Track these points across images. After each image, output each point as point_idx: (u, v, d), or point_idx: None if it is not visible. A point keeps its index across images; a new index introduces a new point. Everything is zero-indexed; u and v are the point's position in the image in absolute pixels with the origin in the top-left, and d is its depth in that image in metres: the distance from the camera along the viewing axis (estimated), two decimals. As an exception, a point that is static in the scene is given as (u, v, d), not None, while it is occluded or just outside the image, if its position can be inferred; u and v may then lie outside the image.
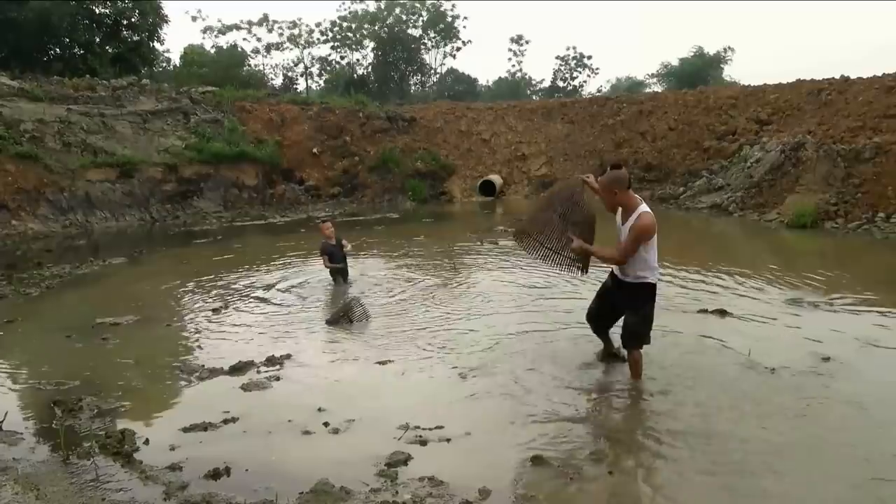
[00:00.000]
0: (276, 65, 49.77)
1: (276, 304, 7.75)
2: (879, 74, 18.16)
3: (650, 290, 4.67)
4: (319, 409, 4.48)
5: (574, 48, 57.43)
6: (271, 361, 5.53)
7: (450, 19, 49.23)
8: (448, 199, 21.87)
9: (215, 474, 3.62)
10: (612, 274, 4.94)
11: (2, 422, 4.35)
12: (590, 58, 52.94)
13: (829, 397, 4.53)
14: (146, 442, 4.06)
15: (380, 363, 5.49)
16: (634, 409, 4.50)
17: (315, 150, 22.15)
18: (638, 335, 4.73)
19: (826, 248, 11.38)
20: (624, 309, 4.78)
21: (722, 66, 50.32)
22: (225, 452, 3.87)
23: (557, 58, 52.74)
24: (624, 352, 4.99)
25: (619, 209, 4.60)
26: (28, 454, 3.97)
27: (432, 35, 49.59)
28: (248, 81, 34.28)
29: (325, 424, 4.25)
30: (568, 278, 5.40)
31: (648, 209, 4.46)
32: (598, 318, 5.09)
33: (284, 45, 47.51)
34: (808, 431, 4.04)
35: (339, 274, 8.68)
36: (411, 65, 49.63)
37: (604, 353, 5.29)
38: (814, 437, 3.97)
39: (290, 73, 49.19)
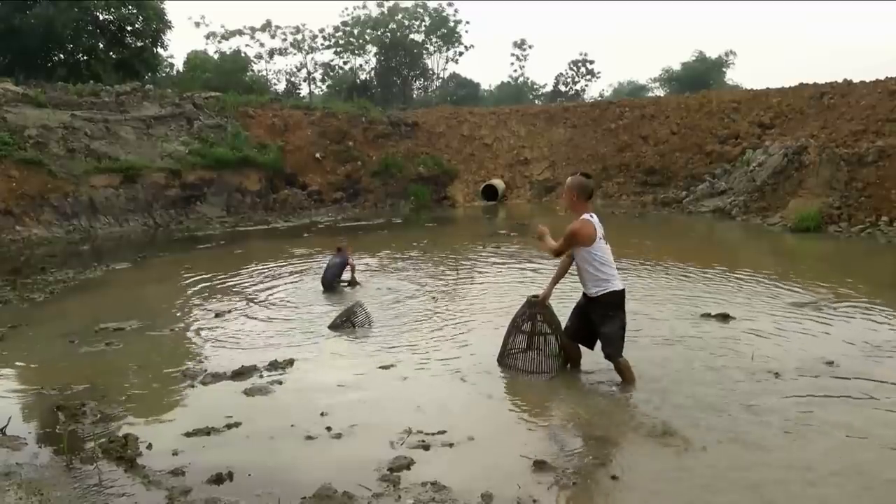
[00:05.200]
0: (279, 70, 49.96)
1: (278, 309, 7.76)
2: (882, 78, 18.16)
3: (617, 297, 4.78)
4: (322, 414, 4.48)
5: (585, 54, 57.68)
6: (274, 366, 5.53)
7: (452, 24, 49.37)
8: (450, 204, 21.89)
9: (218, 479, 3.62)
10: (583, 293, 5.06)
11: (5, 427, 4.36)
12: (592, 62, 53.04)
13: (833, 401, 4.51)
14: (149, 447, 4.06)
15: (382, 368, 5.49)
16: (637, 414, 4.49)
17: (318, 155, 22.20)
18: (615, 344, 4.79)
19: (829, 252, 11.36)
20: (598, 322, 4.82)
21: (724, 69, 50.45)
22: (228, 457, 3.87)
23: (570, 63, 52.86)
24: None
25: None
26: (31, 459, 3.97)
27: (434, 40, 49.71)
28: (252, 87, 34.39)
29: (328, 429, 4.25)
30: (569, 283, 5.42)
31: (589, 219, 4.74)
32: (577, 335, 5.10)
33: (287, 51, 47.69)
34: (812, 436, 4.03)
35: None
36: (414, 70, 49.77)
37: (571, 358, 5.27)
38: (818, 440, 3.96)
39: (293, 79, 49.40)
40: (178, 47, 54.97)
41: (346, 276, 8.93)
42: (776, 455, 3.77)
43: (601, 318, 4.79)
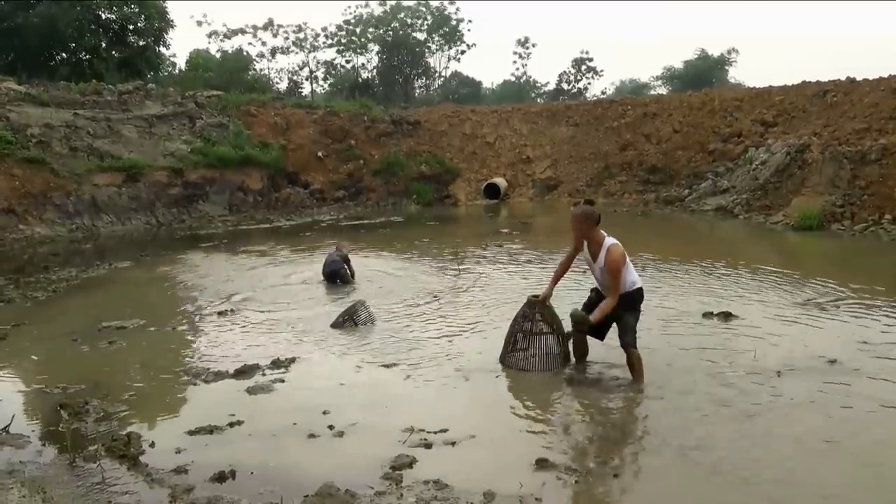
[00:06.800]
0: (282, 69, 49.88)
1: (281, 308, 7.76)
2: (885, 76, 18.09)
3: (640, 294, 4.96)
4: (324, 413, 4.48)
5: (587, 52, 57.59)
6: (276, 364, 5.54)
7: (454, 23, 49.35)
8: (453, 203, 21.88)
9: (220, 477, 3.62)
10: (595, 290, 5.15)
11: (9, 425, 4.37)
12: (591, 60, 52.93)
13: (834, 400, 4.51)
14: (152, 445, 4.08)
15: (384, 366, 5.49)
16: (639, 412, 4.49)
17: (320, 154, 22.21)
18: (633, 333, 4.89)
19: (832, 251, 11.34)
20: (621, 314, 4.86)
21: (726, 67, 50.34)
22: (230, 455, 3.88)
23: (573, 61, 52.74)
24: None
25: (586, 243, 4.96)
26: (35, 457, 3.99)
27: (436, 39, 49.70)
28: (254, 86, 34.38)
29: (330, 427, 4.25)
30: (569, 284, 5.45)
31: (614, 241, 4.85)
32: (590, 328, 5.11)
33: (290, 50, 47.69)
34: (813, 436, 4.02)
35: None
36: (416, 68, 49.73)
37: (579, 353, 5.35)
38: (821, 441, 3.96)
39: (295, 77, 49.38)
40: (180, 46, 55.41)
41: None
42: (779, 454, 3.77)
43: (623, 309, 4.84)
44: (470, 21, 74.53)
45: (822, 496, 3.36)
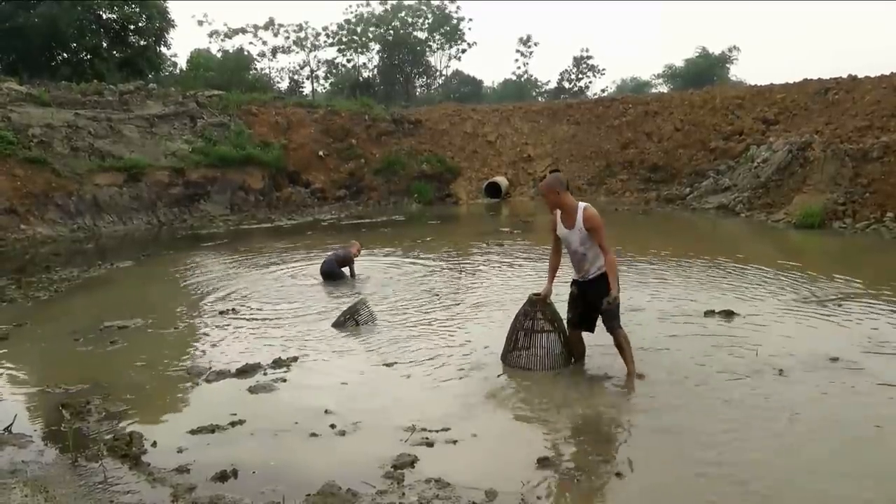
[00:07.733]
0: (283, 68, 49.96)
1: (282, 307, 7.76)
2: (887, 73, 18.06)
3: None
4: (326, 412, 4.49)
5: (587, 50, 57.68)
6: (278, 364, 5.54)
7: (455, 22, 49.35)
8: (454, 201, 21.88)
9: (222, 476, 3.63)
10: (574, 282, 5.17)
11: (11, 425, 4.38)
12: (592, 58, 52.92)
13: (836, 398, 4.50)
14: (154, 444, 4.08)
15: (386, 365, 5.50)
16: (640, 410, 4.48)
17: (321, 153, 22.22)
18: (617, 315, 4.95)
19: (834, 249, 11.32)
20: (600, 299, 4.87)
21: (728, 65, 50.30)
22: (232, 455, 3.89)
23: (574, 59, 52.71)
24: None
25: (559, 213, 4.98)
26: (37, 457, 3.99)
27: (437, 37, 49.70)
28: (255, 85, 34.42)
29: (332, 426, 4.26)
30: (567, 279, 5.45)
31: (588, 204, 4.93)
32: (582, 323, 5.18)
33: (290, 49, 47.69)
34: (815, 434, 4.02)
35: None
36: (417, 67, 49.76)
37: (577, 352, 5.35)
38: (822, 440, 3.95)
39: (296, 77, 49.39)
40: (181, 46, 55.64)
41: (346, 269, 9.28)
42: (781, 452, 3.77)
43: (602, 296, 4.84)
44: (470, 20, 74.61)
45: (824, 493, 3.36)
